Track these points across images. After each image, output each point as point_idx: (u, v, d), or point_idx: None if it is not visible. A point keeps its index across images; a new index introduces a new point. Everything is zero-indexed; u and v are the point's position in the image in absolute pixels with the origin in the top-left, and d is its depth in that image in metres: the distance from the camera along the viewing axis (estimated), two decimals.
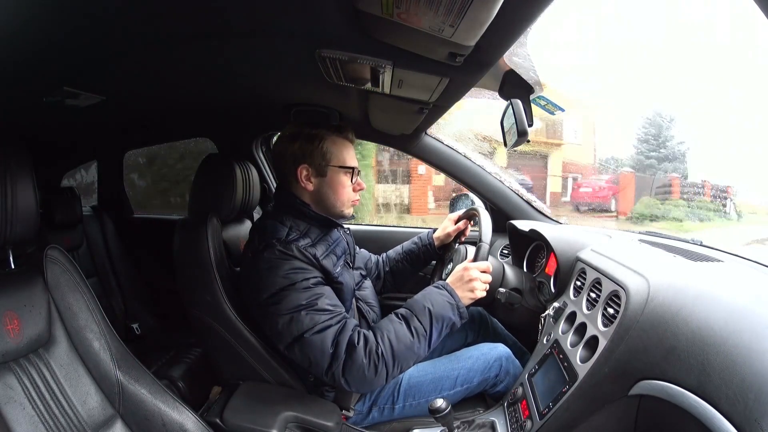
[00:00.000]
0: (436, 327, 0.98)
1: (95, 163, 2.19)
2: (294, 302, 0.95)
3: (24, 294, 0.81)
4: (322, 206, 1.10)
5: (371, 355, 0.93)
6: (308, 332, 0.94)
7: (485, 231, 1.13)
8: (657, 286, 0.80)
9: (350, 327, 0.96)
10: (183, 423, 0.93)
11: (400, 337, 0.96)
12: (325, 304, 0.97)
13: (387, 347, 0.94)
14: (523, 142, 1.08)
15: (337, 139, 1.09)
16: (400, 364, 0.96)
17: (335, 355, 0.93)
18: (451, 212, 1.51)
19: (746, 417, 0.52)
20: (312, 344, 0.94)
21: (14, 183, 0.77)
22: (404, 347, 0.95)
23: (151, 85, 1.13)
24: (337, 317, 0.97)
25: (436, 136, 1.67)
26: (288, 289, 0.96)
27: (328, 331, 0.94)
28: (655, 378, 0.67)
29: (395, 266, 1.43)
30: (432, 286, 1.05)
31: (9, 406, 0.73)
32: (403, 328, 0.97)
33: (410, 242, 1.44)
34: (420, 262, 1.42)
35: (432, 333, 0.98)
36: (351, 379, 0.94)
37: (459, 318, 1.01)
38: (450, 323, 1.00)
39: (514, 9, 0.59)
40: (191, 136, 2.15)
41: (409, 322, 0.97)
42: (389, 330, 0.96)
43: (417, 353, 0.98)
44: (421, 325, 0.97)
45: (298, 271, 0.97)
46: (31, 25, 0.67)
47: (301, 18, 0.72)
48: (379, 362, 0.93)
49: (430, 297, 1.01)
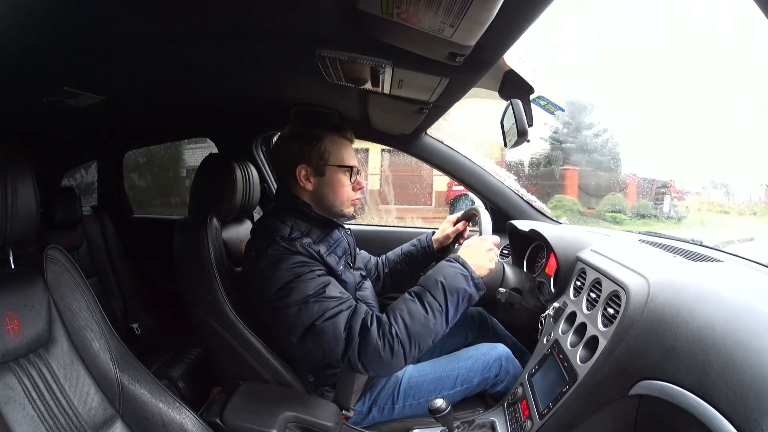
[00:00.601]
0: (451, 300, 0.95)
1: (95, 163, 2.19)
2: (302, 293, 0.94)
3: (24, 294, 0.81)
4: (321, 206, 1.10)
5: (385, 335, 0.90)
6: (319, 320, 0.92)
7: (485, 230, 1.13)
8: (657, 286, 0.80)
9: (362, 311, 0.94)
10: (183, 423, 0.93)
11: (414, 314, 0.92)
12: (333, 291, 0.96)
13: (401, 326, 0.91)
14: (523, 142, 1.08)
15: (336, 138, 1.09)
16: (418, 343, 0.92)
17: (349, 340, 0.91)
18: (451, 213, 1.51)
19: (746, 417, 0.52)
20: (324, 331, 0.92)
21: (14, 183, 0.77)
22: (419, 325, 0.92)
23: (151, 85, 1.13)
24: (346, 302, 0.95)
25: (436, 136, 1.68)
26: (294, 281, 0.95)
27: (339, 317, 0.92)
28: (655, 378, 0.67)
29: (394, 268, 1.43)
30: (443, 260, 1.02)
31: (9, 406, 0.73)
32: (416, 305, 0.94)
33: (409, 244, 1.44)
34: (419, 264, 1.41)
35: (448, 307, 0.94)
36: (368, 363, 0.91)
37: (475, 289, 0.98)
38: (466, 295, 0.96)
39: (514, 9, 0.59)
40: (191, 136, 2.15)
41: (422, 298, 0.95)
42: (402, 309, 0.94)
43: (434, 330, 0.94)
44: (435, 300, 0.94)
45: (303, 264, 0.97)
46: (31, 26, 0.67)
47: (301, 18, 0.72)
48: (394, 342, 0.90)
49: (441, 271, 0.98)
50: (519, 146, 1.11)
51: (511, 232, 1.49)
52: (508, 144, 1.14)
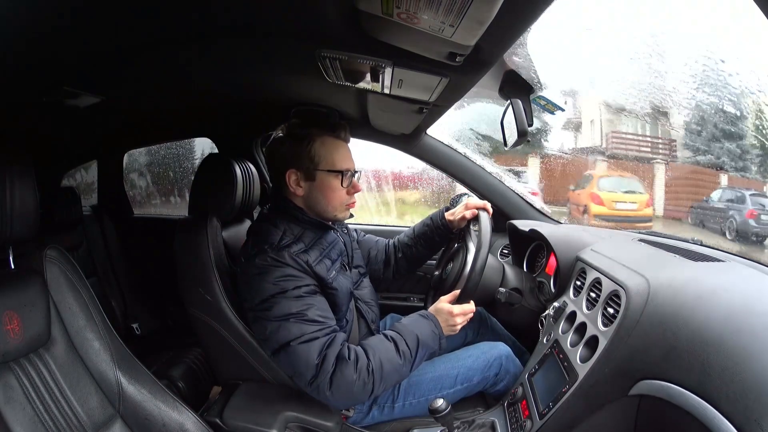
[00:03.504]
0: (420, 353, 1.00)
1: (95, 163, 2.19)
2: (284, 310, 0.94)
3: (24, 294, 0.81)
4: (314, 211, 1.08)
5: (362, 371, 0.93)
6: (295, 341, 0.93)
7: (484, 234, 1.12)
8: (657, 285, 0.80)
9: (339, 341, 0.96)
10: (183, 423, 0.93)
11: (390, 357, 0.97)
12: (316, 315, 0.96)
13: (377, 365, 0.95)
14: (523, 141, 1.08)
15: (328, 139, 1.06)
16: (385, 383, 0.97)
17: (321, 368, 0.92)
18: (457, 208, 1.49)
19: (746, 417, 0.52)
20: (297, 353, 0.93)
21: (14, 183, 0.77)
22: (391, 368, 0.96)
23: (150, 85, 1.13)
24: (326, 329, 0.96)
25: (436, 135, 1.68)
26: (278, 296, 0.95)
27: (314, 343, 0.93)
28: (655, 378, 0.67)
29: (409, 251, 1.39)
30: (419, 314, 1.06)
31: (9, 406, 0.73)
32: (392, 349, 0.98)
33: (422, 225, 1.38)
34: (435, 243, 1.37)
35: (416, 358, 1.00)
36: (337, 393, 0.93)
37: (438, 347, 1.04)
38: (431, 351, 1.03)
39: (514, 9, 0.59)
40: (191, 136, 2.15)
41: (398, 344, 0.98)
42: (379, 349, 0.97)
43: (400, 375, 0.99)
44: (408, 349, 0.98)
45: (289, 278, 0.97)
46: (31, 26, 0.67)
47: (301, 18, 0.72)
48: (368, 379, 0.93)
49: (419, 324, 1.03)
50: (518, 146, 1.11)
51: (511, 232, 1.49)
52: (508, 144, 1.14)
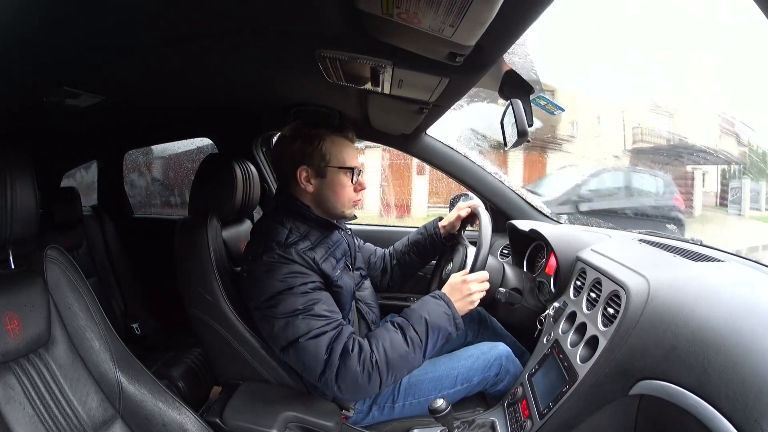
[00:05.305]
0: (431, 337, 0.98)
1: (95, 163, 2.19)
2: (290, 306, 0.95)
3: (24, 294, 0.81)
4: (322, 208, 1.10)
5: (365, 363, 0.93)
6: (303, 337, 0.94)
7: (485, 234, 1.12)
8: (657, 285, 0.80)
9: (346, 334, 0.96)
10: (183, 423, 0.93)
11: (395, 346, 0.96)
12: (322, 309, 0.97)
13: (381, 356, 0.94)
14: (523, 142, 1.07)
15: (337, 138, 1.09)
16: (394, 373, 0.96)
17: (329, 362, 0.93)
18: (450, 212, 1.50)
19: (746, 417, 0.52)
20: (306, 349, 0.94)
21: (14, 183, 0.77)
22: (398, 356, 0.95)
23: (150, 85, 1.12)
24: (333, 323, 0.96)
25: (436, 136, 1.67)
26: (285, 293, 0.96)
27: (323, 337, 0.94)
28: (655, 378, 0.67)
29: (402, 258, 1.41)
30: (429, 295, 1.05)
31: (9, 406, 0.73)
32: (398, 336, 0.97)
33: (416, 233, 1.42)
34: (428, 252, 1.40)
35: (428, 343, 0.98)
36: (344, 386, 0.94)
37: (455, 329, 1.01)
38: (446, 334, 1.00)
39: (514, 9, 0.59)
40: (191, 136, 2.15)
41: (405, 331, 0.98)
42: (384, 338, 0.96)
43: (412, 363, 0.98)
44: (416, 334, 0.97)
45: (296, 275, 0.97)
46: (31, 25, 0.67)
47: (301, 18, 0.72)
48: (372, 370, 0.93)
49: (426, 307, 1.01)
50: (519, 146, 1.11)
51: (511, 232, 1.49)
52: (508, 144, 1.14)
